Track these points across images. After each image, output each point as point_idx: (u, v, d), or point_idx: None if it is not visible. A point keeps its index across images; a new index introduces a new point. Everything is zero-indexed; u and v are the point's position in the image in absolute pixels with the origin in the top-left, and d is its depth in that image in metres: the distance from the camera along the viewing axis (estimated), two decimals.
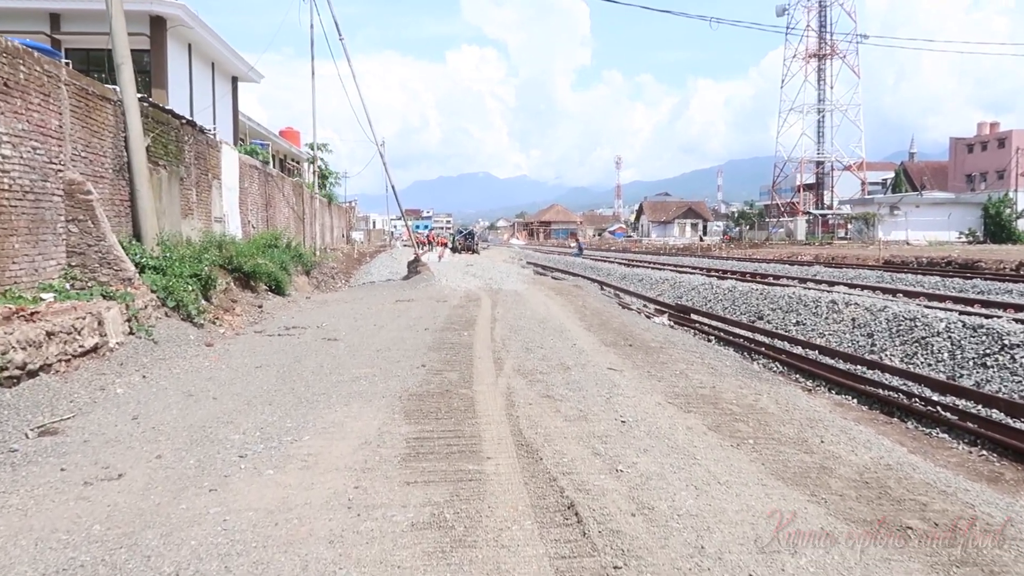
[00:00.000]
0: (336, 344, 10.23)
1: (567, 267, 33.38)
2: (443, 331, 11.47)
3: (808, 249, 48.38)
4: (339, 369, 8.34)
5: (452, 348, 9.77)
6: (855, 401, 7.97)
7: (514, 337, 10.78)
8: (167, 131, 13.80)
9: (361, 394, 7.03)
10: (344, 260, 37.10)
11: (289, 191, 28.82)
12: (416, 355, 9.23)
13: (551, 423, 5.92)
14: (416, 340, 10.51)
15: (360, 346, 10.02)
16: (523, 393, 7.05)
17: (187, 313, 10.74)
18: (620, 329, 12.00)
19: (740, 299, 14.37)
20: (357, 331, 11.61)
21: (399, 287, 21.16)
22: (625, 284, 22.37)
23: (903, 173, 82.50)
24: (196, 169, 15.72)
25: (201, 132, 16.18)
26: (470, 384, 7.49)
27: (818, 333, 10.96)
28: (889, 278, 18.10)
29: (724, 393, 7.31)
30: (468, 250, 52.10)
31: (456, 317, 13.40)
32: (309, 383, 7.56)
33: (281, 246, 20.44)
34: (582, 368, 8.38)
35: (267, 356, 9.26)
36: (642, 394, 7.12)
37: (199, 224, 15.70)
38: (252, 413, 6.31)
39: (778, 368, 9.60)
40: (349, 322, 12.81)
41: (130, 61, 11.97)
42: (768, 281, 17.48)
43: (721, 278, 18.58)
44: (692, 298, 16.63)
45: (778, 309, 12.68)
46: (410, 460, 4.99)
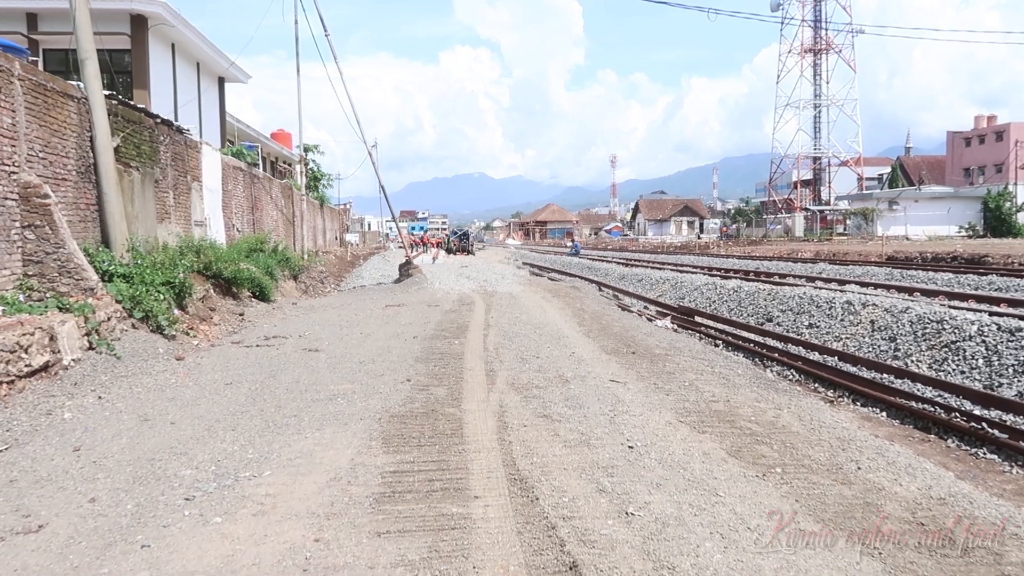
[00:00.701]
0: (317, 356, 9.51)
1: (564, 267, 32.67)
2: (433, 339, 10.75)
3: (807, 245, 47.75)
4: (316, 385, 7.62)
5: (441, 359, 9.05)
6: (884, 414, 7.26)
7: (508, 345, 10.07)
8: (139, 130, 13.05)
9: (337, 416, 6.31)
10: (336, 263, 36.36)
11: (277, 193, 28.07)
12: (402, 367, 8.51)
13: (549, 450, 5.20)
14: (403, 350, 9.79)
15: (343, 358, 9.30)
16: (517, 412, 6.33)
17: (157, 324, 10.00)
18: (621, 334, 11.29)
19: (747, 300, 13.66)
20: (341, 340, 10.88)
21: (390, 291, 20.42)
22: (624, 285, 21.65)
23: (900, 168, 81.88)
24: (173, 171, 14.97)
25: (179, 132, 15.44)
26: (459, 402, 6.77)
27: (834, 337, 10.25)
28: (899, 275, 17.41)
29: (740, 408, 6.61)
30: (463, 251, 51.40)
31: (447, 323, 12.69)
32: (281, 403, 6.83)
33: (267, 250, 19.71)
34: (582, 380, 7.67)
35: (240, 371, 8.53)
36: (650, 411, 6.40)
37: (177, 228, 14.95)
38: (211, 441, 5.58)
39: (794, 376, 8.89)
40: (334, 330, 12.08)
41: (95, 56, 11.23)
42: (774, 280, 16.78)
43: (724, 277, 17.87)
44: (695, 299, 15.92)
45: (788, 311, 11.96)
46: (384, 501, 4.27)
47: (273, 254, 19.94)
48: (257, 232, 22.30)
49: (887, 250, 32.35)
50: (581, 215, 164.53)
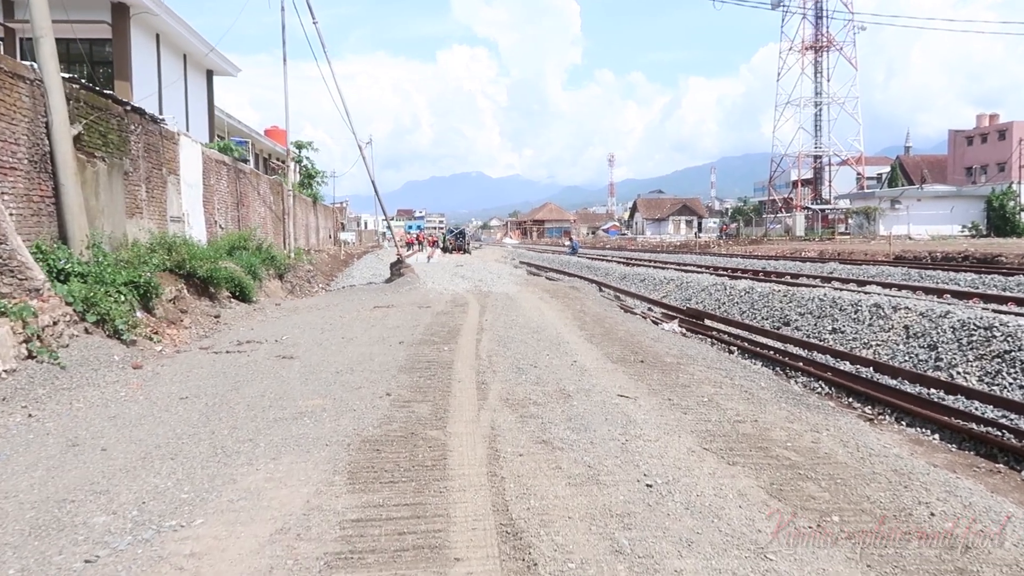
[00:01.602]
0: (291, 364, 8.55)
1: (562, 267, 31.72)
2: (420, 345, 9.80)
3: (810, 245, 46.87)
4: (283, 400, 6.67)
5: (428, 369, 8.10)
6: (935, 437, 6.32)
7: (503, 352, 9.12)
8: (106, 118, 12.08)
9: (299, 440, 5.35)
10: (329, 262, 35.45)
11: (266, 189, 27.08)
12: (383, 379, 7.56)
13: (549, 489, 4.26)
14: (386, 358, 8.84)
15: (318, 366, 8.34)
16: (512, 436, 5.38)
17: (114, 328, 9.03)
18: (627, 339, 10.35)
19: (760, 302, 12.71)
20: (320, 346, 9.93)
21: (379, 291, 19.46)
22: (626, 285, 20.70)
23: (899, 167, 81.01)
24: (146, 163, 14.00)
25: (153, 121, 14.46)
26: (444, 422, 5.82)
27: (862, 343, 9.32)
28: (916, 275, 16.48)
29: (771, 431, 5.67)
30: (459, 250, 50.48)
31: (438, 327, 11.74)
32: (238, 423, 5.88)
33: (250, 248, 18.74)
34: (586, 395, 6.73)
35: (201, 381, 7.58)
36: (667, 434, 5.46)
37: (150, 224, 13.98)
38: (143, 474, 4.64)
39: (823, 389, 7.95)
40: (314, 334, 11.13)
41: (51, 34, 10.24)
42: (787, 280, 15.81)
43: (733, 277, 16.91)
44: (703, 300, 14.97)
45: (808, 314, 11.02)
46: (338, 567, 3.32)
47: (257, 252, 18.98)
48: (243, 229, 21.32)
49: (894, 249, 31.46)
50: (579, 214, 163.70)
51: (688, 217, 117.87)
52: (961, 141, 78.75)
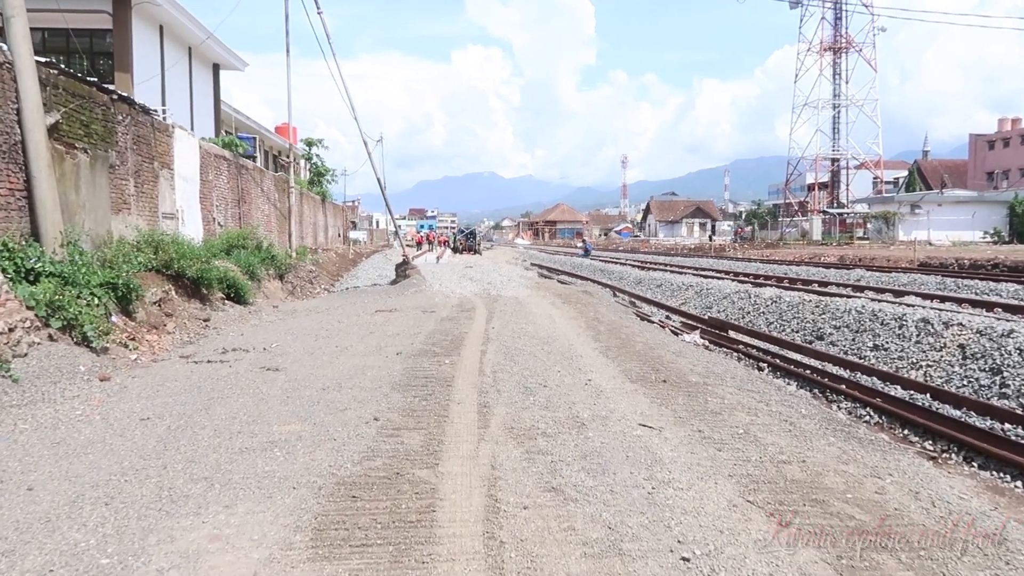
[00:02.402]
0: (274, 378, 7.72)
1: (574, 269, 30.81)
2: (420, 356, 8.95)
3: (828, 249, 45.73)
4: (256, 424, 5.83)
5: (425, 386, 7.25)
6: (1018, 484, 5.41)
7: (509, 367, 8.26)
8: (88, 106, 11.31)
9: (263, 481, 4.51)
10: (336, 261, 34.76)
11: (271, 186, 26.35)
12: (373, 398, 6.71)
13: (560, 562, 3.39)
14: (381, 372, 7.99)
15: (304, 381, 7.51)
16: (515, 480, 4.52)
17: (83, 335, 8.23)
18: (645, 353, 9.46)
19: (789, 312, 11.77)
20: (311, 356, 9.10)
21: (383, 294, 18.63)
22: (641, 290, 19.77)
23: (917, 172, 79.49)
24: (136, 155, 13.24)
25: (143, 112, 13.69)
26: (437, 457, 4.96)
27: (910, 363, 8.38)
28: (953, 284, 15.43)
29: (825, 476, 4.77)
30: (469, 251, 49.66)
31: (441, 335, 10.89)
32: (198, 454, 5.05)
33: (249, 246, 17.98)
34: (603, 424, 5.85)
35: (170, 398, 6.76)
36: (702, 480, 4.58)
37: (139, 221, 13.21)
38: (65, 526, 3.80)
39: (871, 417, 7.03)
40: (307, 342, 10.30)
41: (23, 14, 9.49)
42: (815, 289, 14.81)
43: (757, 284, 15.93)
44: (726, 309, 14.03)
45: (844, 327, 10.07)
46: None
47: (256, 251, 18.22)
48: (245, 227, 20.57)
49: (919, 255, 30.35)
50: (591, 215, 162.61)
51: (702, 220, 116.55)
52: (982, 145, 77.20)
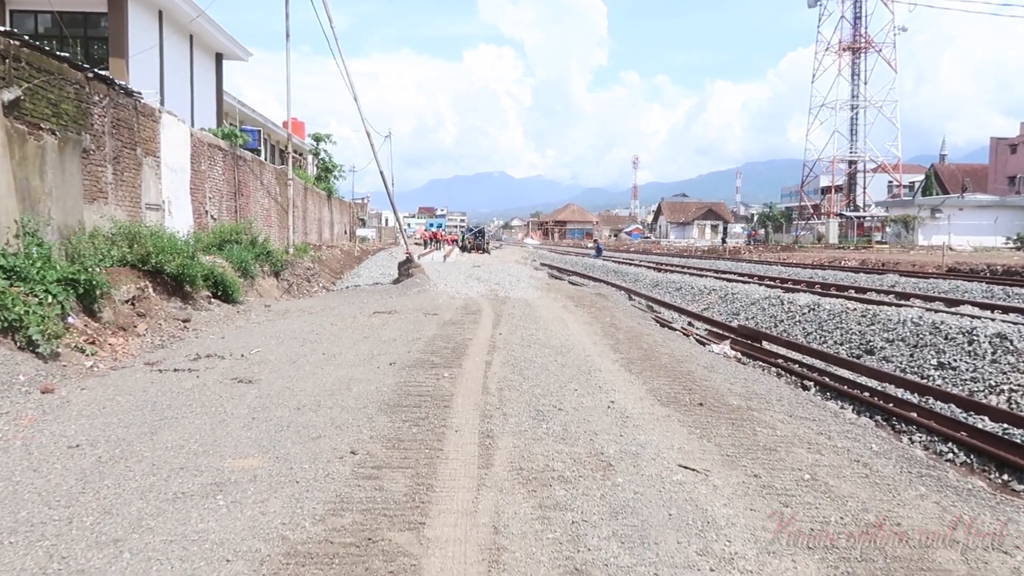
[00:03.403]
0: (244, 392, 6.61)
1: (586, 270, 29.63)
2: (416, 368, 7.83)
3: (847, 253, 44.37)
4: (205, 456, 4.72)
5: (418, 407, 6.12)
6: None
7: (518, 382, 7.12)
8: (58, 83, 10.25)
9: (190, 546, 3.39)
10: (341, 258, 33.81)
11: (271, 180, 25.31)
12: (354, 422, 5.60)
13: None
14: (368, 387, 6.87)
15: (277, 397, 6.40)
16: (525, 555, 3.37)
17: (27, 339, 7.16)
18: (673, 367, 8.30)
19: (830, 322, 10.56)
20: (292, 364, 7.99)
21: (385, 293, 17.53)
22: (659, 293, 18.57)
23: (934, 176, 77.79)
24: (115, 140, 12.18)
25: (125, 93, 12.63)
26: (423, 513, 3.83)
27: (988, 386, 7.18)
28: (1002, 292, 14.12)
29: (933, 549, 3.61)
30: (478, 249, 48.55)
31: (442, 341, 9.76)
32: (119, 501, 3.94)
33: (243, 241, 16.91)
34: (635, 464, 4.70)
35: (114, 418, 5.66)
36: (775, 557, 3.43)
37: (118, 212, 12.15)
38: None
39: (956, 455, 5.86)
40: (292, 348, 9.20)
41: None
42: (851, 295, 13.57)
43: (789, 290, 14.67)
44: (755, 316, 12.82)
45: (898, 341, 8.86)
46: None
47: (251, 247, 17.15)
48: (242, 221, 19.52)
49: (947, 261, 29.01)
50: (601, 216, 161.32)
51: (713, 222, 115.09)
52: (1004, 149, 75.37)
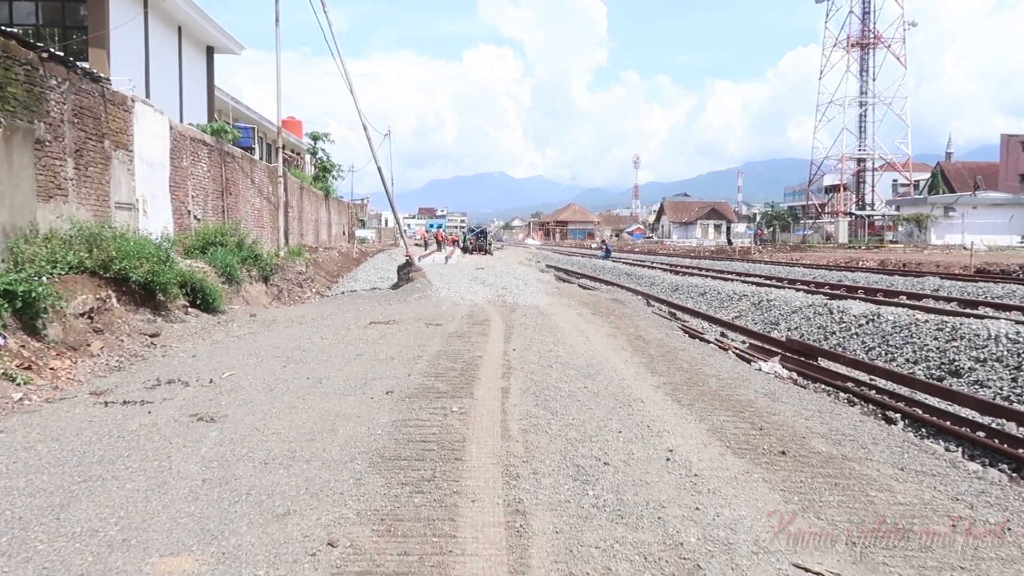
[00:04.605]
0: (202, 437, 5.21)
1: (595, 272, 28.22)
2: (417, 398, 6.42)
3: (863, 253, 42.99)
4: (120, 551, 3.32)
5: (420, 460, 4.71)
6: None
7: (545, 420, 5.71)
8: (4, 64, 8.86)
9: None
10: (339, 261, 32.48)
11: (263, 178, 23.93)
12: (336, 487, 4.19)
13: None
14: (359, 428, 5.47)
15: (242, 444, 5.00)
16: None
17: None
18: (727, 394, 6.89)
19: (896, 336, 9.15)
20: (269, 394, 6.59)
21: (383, 299, 16.12)
22: (679, 299, 17.15)
23: (940, 174, 76.39)
24: (77, 131, 10.79)
25: (90, 78, 11.23)
26: None
27: None
28: None
29: None
30: (480, 251, 47.11)
31: (448, 360, 8.36)
32: None
33: (228, 243, 15.51)
34: (731, 565, 3.30)
35: (22, 480, 4.27)
36: None
37: (80, 211, 10.76)
38: None
39: None
40: (273, 369, 7.80)
41: None
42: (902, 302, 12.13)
43: (835, 296, 13.19)
44: (798, 327, 11.40)
45: (992, 361, 7.45)
46: None
47: (237, 249, 15.76)
48: (230, 222, 18.12)
49: (975, 261, 27.61)
50: (602, 216, 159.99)
51: (717, 221, 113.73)
52: (1015, 146, 73.97)
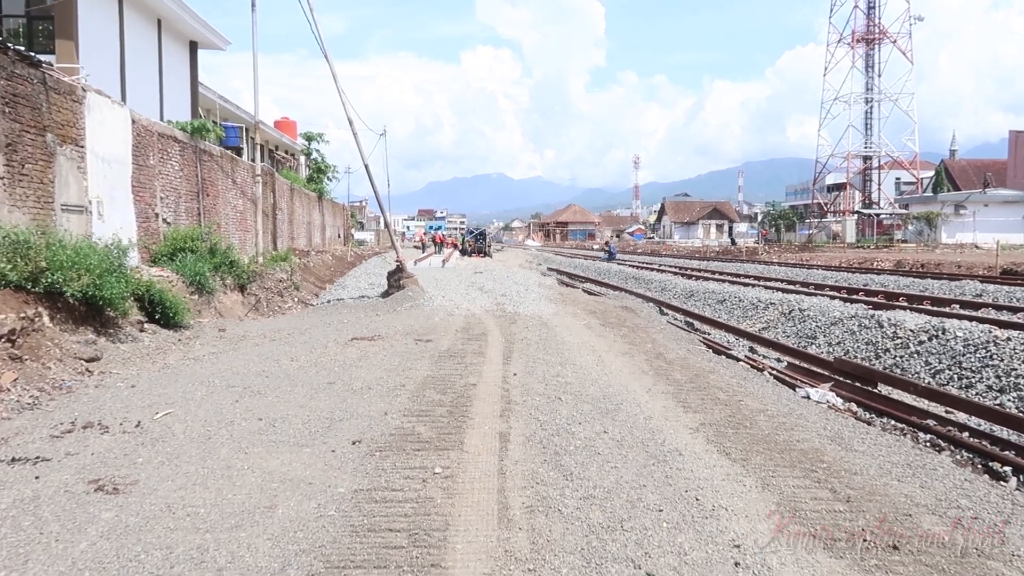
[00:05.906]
0: (90, 519, 3.78)
1: (600, 276, 26.77)
2: (391, 452, 4.99)
3: (874, 253, 41.55)
4: None
5: (381, 567, 3.27)
6: None
7: (557, 492, 4.28)
8: None
9: None
10: (331, 265, 31.06)
11: (246, 179, 22.47)
12: None
13: None
14: (305, 506, 4.03)
15: (137, 536, 3.56)
16: None
17: None
18: (784, 441, 5.46)
19: (971, 356, 7.70)
20: (205, 444, 5.16)
21: (370, 309, 14.66)
22: (696, 306, 15.70)
23: (944, 172, 74.97)
24: (9, 122, 9.35)
25: (27, 63, 9.79)
26: None
27: None
28: None
29: None
30: (479, 253, 45.58)
31: (435, 390, 6.93)
32: None
33: (200, 249, 14.08)
34: None
35: None
36: None
37: (14, 215, 9.32)
38: None
39: None
40: (222, 405, 6.37)
41: None
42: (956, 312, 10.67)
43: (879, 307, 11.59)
44: (841, 341, 9.95)
45: None
46: None
47: (210, 255, 14.33)
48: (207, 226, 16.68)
49: (1001, 261, 26.17)
50: (603, 216, 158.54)
51: (718, 221, 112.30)
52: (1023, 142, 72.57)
